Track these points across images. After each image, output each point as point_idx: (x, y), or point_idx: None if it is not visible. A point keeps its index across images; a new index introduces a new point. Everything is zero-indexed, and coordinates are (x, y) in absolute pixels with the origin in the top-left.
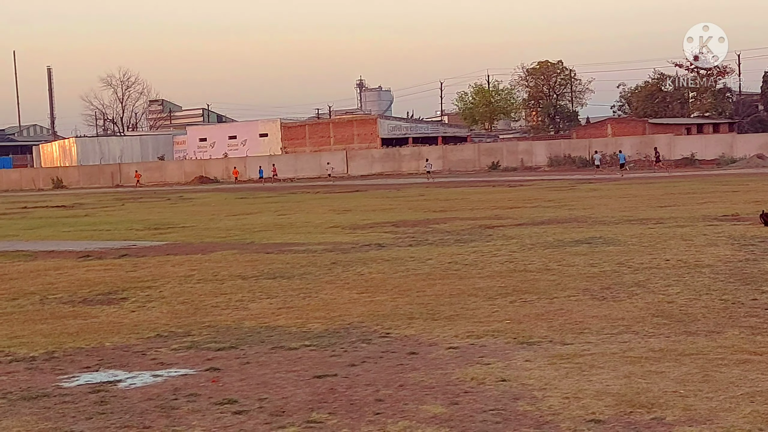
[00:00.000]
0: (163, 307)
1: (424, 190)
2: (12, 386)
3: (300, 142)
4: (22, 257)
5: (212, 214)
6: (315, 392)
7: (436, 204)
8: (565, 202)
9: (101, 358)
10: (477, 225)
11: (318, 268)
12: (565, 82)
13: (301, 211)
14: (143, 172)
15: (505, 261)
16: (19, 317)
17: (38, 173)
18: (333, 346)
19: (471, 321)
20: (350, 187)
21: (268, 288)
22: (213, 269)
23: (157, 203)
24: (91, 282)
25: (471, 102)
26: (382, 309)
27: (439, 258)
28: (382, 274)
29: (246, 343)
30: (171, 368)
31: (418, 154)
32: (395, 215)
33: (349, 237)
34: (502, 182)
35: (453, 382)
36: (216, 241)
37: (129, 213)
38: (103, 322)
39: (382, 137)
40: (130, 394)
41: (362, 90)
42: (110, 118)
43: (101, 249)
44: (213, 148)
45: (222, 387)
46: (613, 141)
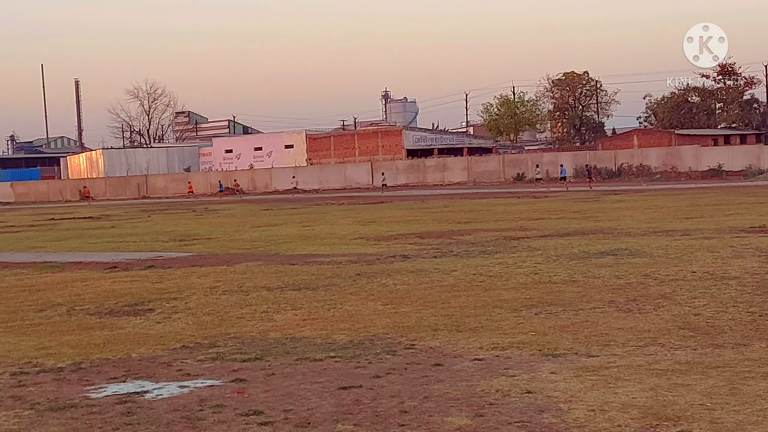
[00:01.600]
0: (189, 319)
1: (449, 201)
2: (40, 397)
3: (325, 153)
4: (49, 268)
5: (237, 225)
6: (340, 404)
7: (461, 215)
8: (591, 214)
9: (128, 369)
10: (502, 236)
11: (343, 280)
12: (591, 93)
13: (326, 222)
14: (170, 184)
15: (530, 273)
16: (47, 328)
17: (65, 185)
18: (358, 357)
19: (496, 333)
20: (375, 199)
21: (293, 299)
22: (238, 280)
23: (182, 215)
24: (118, 293)
25: (496, 113)
26: (407, 320)
27: (463, 269)
28: (406, 286)
29: (271, 355)
30: (197, 379)
31: (443, 166)
32: (420, 226)
33: (373, 248)
34: (526, 194)
35: (478, 393)
36: (241, 252)
37: (155, 224)
38: (130, 333)
39: (407, 148)
40: (157, 405)
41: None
42: (137, 130)
43: (127, 260)
44: (239, 159)
45: (247, 398)
46: (639, 152)
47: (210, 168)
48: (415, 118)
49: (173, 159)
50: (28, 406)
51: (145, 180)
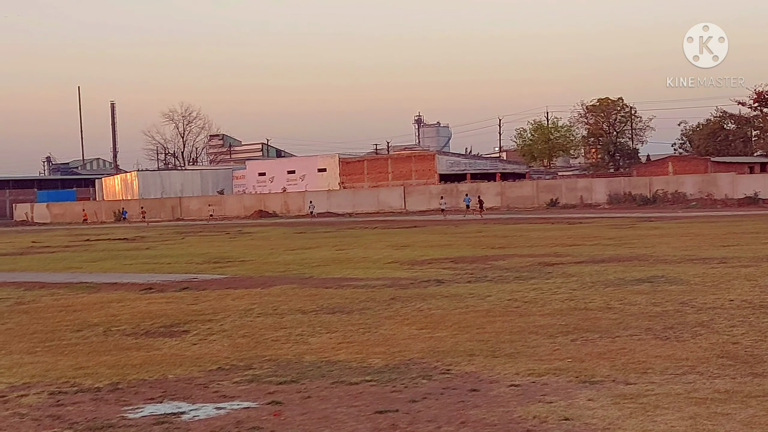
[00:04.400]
0: (225, 341)
1: (482, 226)
2: (78, 416)
3: (358, 177)
4: (85, 289)
5: (271, 248)
6: (376, 427)
7: (495, 240)
8: (626, 240)
9: (165, 390)
10: (536, 262)
11: (377, 304)
12: (626, 119)
13: (360, 246)
14: (204, 206)
15: (565, 299)
16: (84, 348)
17: (101, 206)
18: (394, 381)
19: (532, 359)
20: (408, 223)
21: (328, 322)
22: (273, 303)
23: (216, 237)
24: (154, 314)
25: (530, 138)
26: (443, 345)
27: (498, 295)
28: (441, 310)
29: (307, 378)
30: (233, 401)
31: (476, 191)
32: (454, 251)
33: (407, 273)
34: (560, 219)
35: (515, 420)
36: (275, 275)
37: (189, 246)
38: (166, 355)
39: (440, 173)
40: (194, 426)
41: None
42: (171, 152)
43: (163, 282)
44: (272, 182)
45: (284, 421)
46: (674, 179)
47: (243, 191)
48: (448, 142)
49: (207, 181)
50: (67, 426)
51: (179, 202)
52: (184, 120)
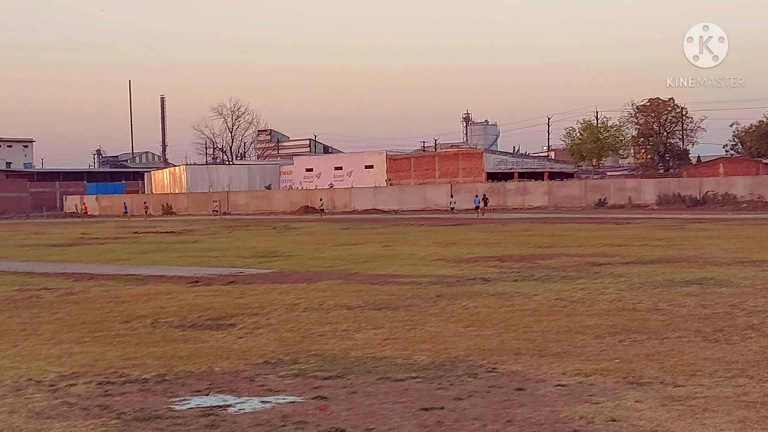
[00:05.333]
0: (271, 335)
1: (529, 225)
2: (126, 407)
3: (405, 174)
4: (133, 281)
5: (317, 243)
6: (422, 424)
7: (542, 240)
8: (675, 242)
9: (211, 383)
10: (584, 262)
11: (423, 301)
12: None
13: (406, 243)
14: (250, 201)
15: (613, 299)
16: (132, 339)
17: (149, 199)
18: (439, 378)
19: (579, 359)
20: (455, 221)
21: (374, 318)
22: (319, 298)
23: (263, 231)
24: (201, 307)
25: (579, 138)
26: (489, 343)
27: (545, 294)
28: (487, 309)
29: (353, 373)
30: (279, 395)
31: (524, 189)
32: (500, 250)
33: (453, 270)
34: (608, 219)
35: (561, 420)
36: (321, 270)
37: (236, 240)
38: (213, 347)
39: (488, 171)
40: (240, 419)
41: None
42: (220, 147)
43: (210, 275)
44: (319, 178)
45: (329, 416)
46: (725, 180)
47: (290, 186)
48: (496, 141)
49: (254, 176)
50: (114, 416)
51: (227, 196)
52: (233, 115)
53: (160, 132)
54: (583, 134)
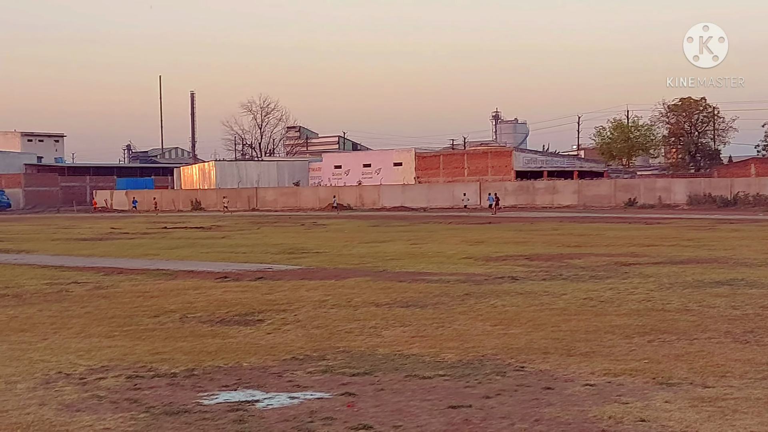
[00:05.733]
0: (299, 331)
1: (558, 224)
2: (154, 401)
3: (434, 172)
4: (162, 276)
5: (345, 240)
6: (449, 422)
7: (570, 239)
8: (705, 242)
9: (239, 378)
10: (613, 262)
11: (451, 299)
12: (708, 119)
13: (434, 241)
14: (279, 197)
15: (642, 299)
16: (161, 334)
17: (178, 195)
18: (467, 377)
19: (608, 358)
20: (483, 219)
21: (402, 316)
22: (347, 295)
23: (291, 228)
24: (229, 303)
25: (609, 137)
26: (517, 342)
27: (574, 293)
28: (515, 307)
29: (380, 370)
30: (307, 391)
31: (553, 188)
32: (529, 248)
33: (482, 269)
34: (638, 219)
35: (590, 419)
36: (349, 267)
37: (264, 236)
38: (241, 343)
39: (517, 170)
40: (268, 415)
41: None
42: (249, 143)
43: (238, 271)
44: (347, 175)
45: (357, 412)
46: (756, 181)
47: (319, 183)
48: (525, 139)
49: (283, 173)
50: (143, 409)
51: (255, 192)
52: (262, 111)
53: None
54: (614, 133)
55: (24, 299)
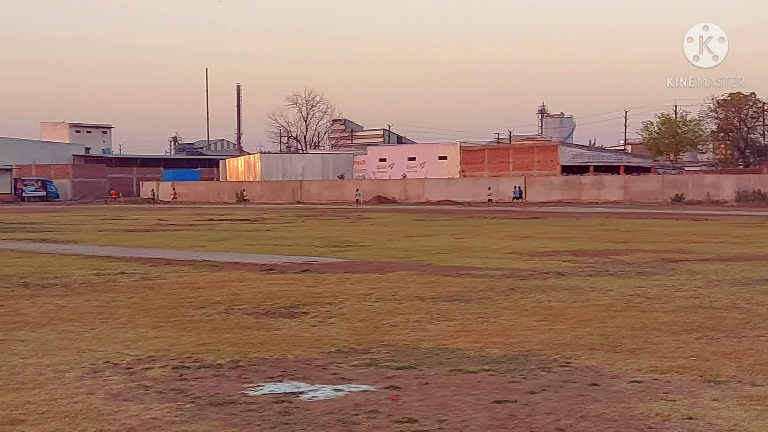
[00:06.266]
0: (343, 324)
1: (604, 220)
2: (200, 391)
3: (478, 166)
4: (208, 267)
5: (390, 234)
6: (494, 417)
7: (617, 235)
8: (754, 239)
9: (284, 370)
10: (660, 258)
11: (496, 294)
12: (758, 115)
13: (479, 235)
14: (323, 190)
15: (689, 296)
16: (206, 325)
17: (223, 187)
18: (512, 372)
19: (655, 355)
20: (528, 214)
21: (446, 310)
22: (391, 289)
23: (336, 221)
24: (274, 295)
25: (656, 132)
26: (562, 338)
27: (620, 290)
28: (561, 303)
29: (425, 364)
30: (351, 384)
31: (600, 183)
32: (574, 244)
33: (527, 264)
34: (685, 215)
35: (636, 416)
36: (394, 261)
37: (309, 229)
38: (286, 335)
39: (563, 164)
40: (313, 407)
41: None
42: (294, 136)
43: (283, 263)
44: (392, 168)
45: (401, 406)
46: None
47: (363, 176)
48: (572, 134)
49: (328, 166)
50: (189, 400)
51: (300, 185)
52: (308, 104)
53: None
54: (661, 128)
55: (72, 289)
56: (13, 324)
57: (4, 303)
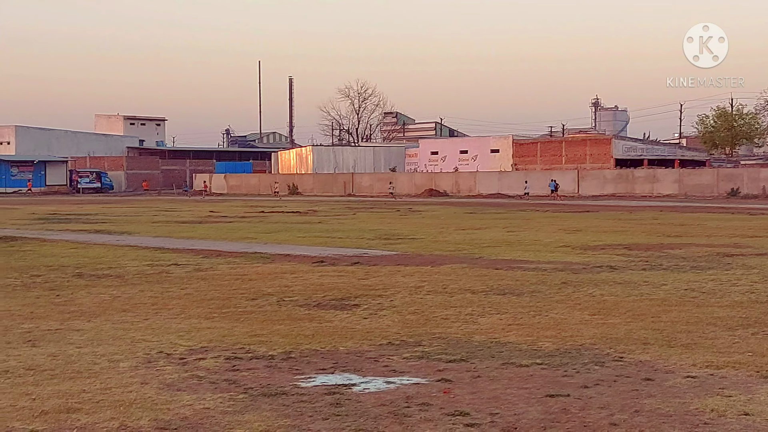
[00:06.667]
0: (394, 316)
1: (658, 213)
2: (253, 382)
3: (531, 159)
4: (260, 259)
5: (441, 227)
6: (547, 411)
7: (671, 228)
8: None
9: (336, 362)
10: (714, 252)
11: (548, 287)
12: None
13: (530, 228)
14: (375, 183)
15: (745, 291)
16: (259, 316)
17: (275, 179)
18: (565, 366)
19: (710, 350)
20: (581, 207)
21: (498, 303)
22: (442, 282)
23: (387, 214)
24: (325, 287)
25: (712, 125)
26: (615, 332)
27: (674, 284)
28: (614, 297)
29: (476, 357)
30: (403, 376)
31: (653, 177)
32: (627, 238)
33: (579, 257)
34: (741, 209)
35: (691, 412)
36: (445, 254)
37: (360, 222)
38: (337, 327)
39: (616, 158)
40: (364, 399)
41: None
42: (346, 129)
43: (334, 255)
44: (444, 161)
45: (453, 399)
46: None
47: (415, 169)
48: (626, 127)
49: (379, 158)
50: (242, 390)
51: (351, 178)
52: (360, 97)
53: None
54: (717, 121)
55: (126, 280)
56: (69, 314)
57: (60, 293)
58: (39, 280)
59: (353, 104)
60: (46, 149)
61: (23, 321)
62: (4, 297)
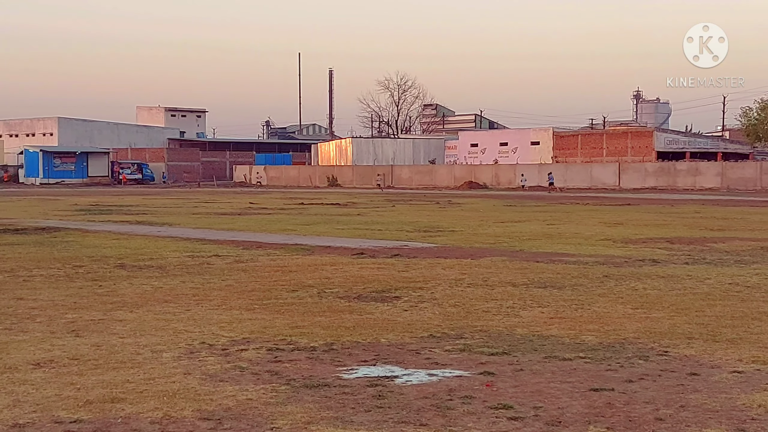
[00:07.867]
0: (435, 309)
1: (700, 207)
2: (295, 374)
3: (571, 152)
4: (300, 251)
5: (480, 219)
6: (591, 405)
7: (713, 222)
8: None
9: (377, 354)
10: (759, 246)
11: (590, 281)
12: None
13: (571, 221)
14: (414, 175)
15: None
16: (299, 308)
17: (315, 171)
18: (608, 360)
19: (756, 346)
20: (622, 200)
21: (539, 297)
22: (483, 274)
23: (426, 206)
24: (365, 279)
25: (756, 118)
26: (659, 326)
27: (718, 278)
28: (657, 291)
29: (519, 350)
30: (445, 369)
31: (695, 170)
32: (670, 231)
33: (621, 251)
34: None
35: (738, 407)
36: (485, 246)
37: (399, 214)
38: (378, 319)
39: (658, 150)
40: (406, 391)
41: (639, 102)
42: (385, 121)
43: (374, 248)
44: (483, 154)
45: (496, 392)
46: None
47: (454, 161)
48: (667, 119)
49: (419, 151)
50: (284, 382)
51: (391, 170)
52: (399, 89)
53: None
54: (761, 114)
55: (167, 271)
56: (112, 304)
57: (102, 284)
58: (82, 270)
59: (393, 96)
60: (88, 141)
61: (67, 311)
62: (48, 287)
